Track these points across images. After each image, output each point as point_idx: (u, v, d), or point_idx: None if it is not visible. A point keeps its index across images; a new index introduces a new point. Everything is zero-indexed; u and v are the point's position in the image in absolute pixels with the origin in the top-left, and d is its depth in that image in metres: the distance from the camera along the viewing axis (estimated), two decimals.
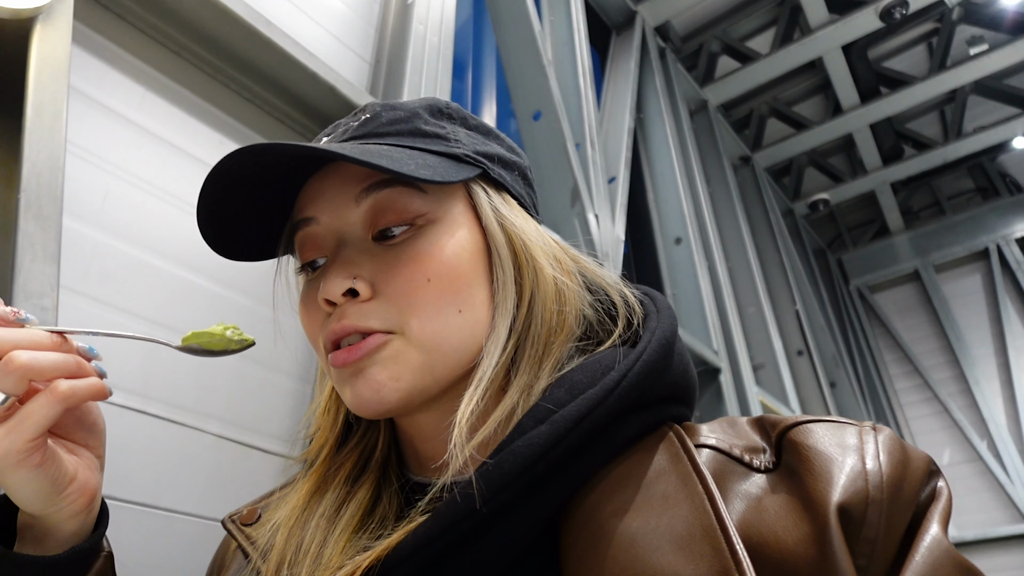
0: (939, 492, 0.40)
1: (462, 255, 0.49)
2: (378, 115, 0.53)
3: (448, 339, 0.48)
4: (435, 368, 0.48)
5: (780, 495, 0.40)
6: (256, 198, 0.53)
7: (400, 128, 0.52)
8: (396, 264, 0.48)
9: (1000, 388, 5.11)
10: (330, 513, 0.50)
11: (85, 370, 0.46)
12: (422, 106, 0.54)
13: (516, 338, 0.49)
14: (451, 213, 0.50)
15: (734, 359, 3.05)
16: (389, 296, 0.48)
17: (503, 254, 0.50)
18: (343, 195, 0.50)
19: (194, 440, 1.17)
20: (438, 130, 0.53)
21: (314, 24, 1.65)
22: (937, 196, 5.97)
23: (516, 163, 0.57)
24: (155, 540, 1.06)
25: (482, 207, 0.51)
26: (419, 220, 0.49)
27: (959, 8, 4.27)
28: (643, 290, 0.56)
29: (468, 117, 0.57)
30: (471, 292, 0.49)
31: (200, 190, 0.50)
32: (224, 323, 0.53)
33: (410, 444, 0.54)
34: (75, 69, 1.12)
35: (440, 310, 0.47)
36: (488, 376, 0.47)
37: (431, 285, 0.47)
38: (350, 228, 0.50)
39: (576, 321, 0.51)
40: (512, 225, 0.51)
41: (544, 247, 0.52)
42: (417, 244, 0.48)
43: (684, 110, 3.96)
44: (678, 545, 0.38)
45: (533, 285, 0.50)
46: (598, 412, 0.44)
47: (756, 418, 0.47)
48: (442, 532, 0.41)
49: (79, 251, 1.09)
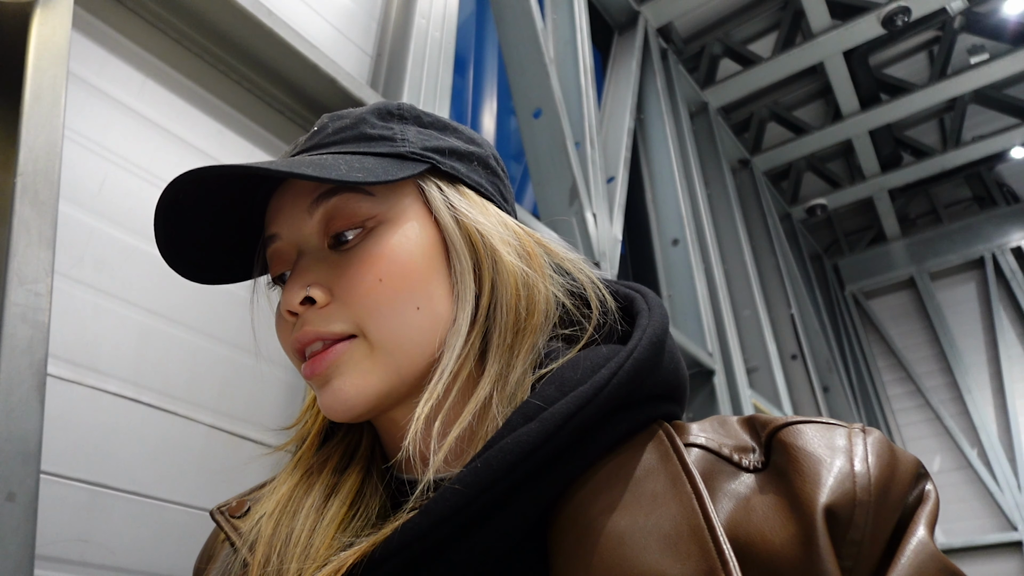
0: (927, 495, 0.40)
1: (414, 251, 0.49)
2: (324, 127, 0.54)
3: (409, 337, 0.48)
4: (400, 367, 0.48)
5: (768, 495, 0.40)
6: (221, 221, 0.54)
7: (345, 136, 0.52)
8: (348, 268, 0.49)
9: (992, 397, 5.14)
10: (318, 504, 0.50)
11: None
12: (369, 110, 0.55)
13: (481, 329, 0.49)
14: (402, 212, 0.50)
15: (728, 361, 3.06)
16: (345, 300, 0.48)
17: (459, 246, 0.50)
18: (296, 208, 0.51)
19: (186, 430, 1.17)
20: (384, 132, 0.53)
21: (316, 15, 1.65)
22: (934, 204, 5.99)
23: (474, 153, 0.56)
24: (145, 529, 1.06)
25: (434, 202, 0.51)
26: (369, 223, 0.50)
27: (961, 17, 4.28)
28: (634, 287, 0.56)
29: (422, 115, 0.56)
30: (428, 288, 0.49)
31: (153, 222, 0.51)
32: None
33: (391, 440, 0.54)
34: (75, 55, 1.12)
35: (396, 309, 0.48)
36: (450, 368, 0.47)
37: (383, 285, 0.48)
38: (307, 239, 0.51)
39: (547, 305, 0.51)
40: (466, 216, 0.51)
41: (503, 236, 0.51)
42: (367, 246, 0.49)
43: (684, 112, 3.96)
44: (666, 544, 0.38)
45: (493, 274, 0.50)
46: (588, 410, 0.44)
47: (747, 417, 0.47)
48: (430, 529, 0.41)
49: (75, 237, 1.08)
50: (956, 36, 4.40)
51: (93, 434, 1.03)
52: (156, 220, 0.50)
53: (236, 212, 0.54)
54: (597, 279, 0.53)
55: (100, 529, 1.01)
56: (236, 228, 0.55)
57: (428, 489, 0.44)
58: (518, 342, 0.49)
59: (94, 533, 1.00)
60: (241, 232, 0.56)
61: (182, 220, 0.52)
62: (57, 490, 0.96)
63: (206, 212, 0.52)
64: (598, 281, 0.53)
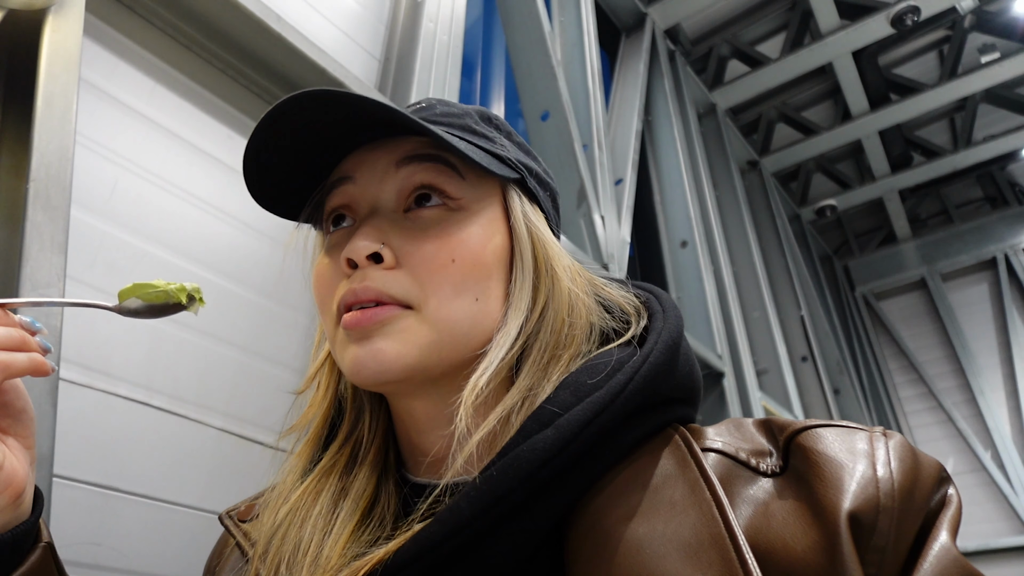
0: (949, 499, 0.40)
1: (488, 247, 0.50)
2: (432, 106, 0.54)
3: (460, 323, 0.48)
4: (442, 349, 0.47)
5: (788, 500, 0.39)
6: (303, 150, 0.51)
7: (452, 121, 0.53)
8: (423, 238, 0.48)
9: (1005, 398, 5.09)
10: (326, 511, 0.49)
11: (27, 343, 0.45)
12: (473, 110, 0.56)
13: (524, 339, 0.49)
14: (484, 207, 0.51)
15: (738, 364, 3.04)
16: (412, 268, 0.48)
17: (526, 257, 0.51)
18: (384, 160, 0.50)
19: (196, 433, 1.17)
20: (486, 132, 0.54)
21: (324, 20, 1.66)
22: (945, 204, 5.94)
23: (549, 184, 0.58)
24: (155, 532, 1.07)
25: (514, 210, 0.52)
26: (452, 203, 0.50)
27: (971, 16, 4.25)
28: (648, 289, 0.55)
29: (512, 132, 0.58)
30: (489, 284, 0.49)
31: (257, 125, 0.48)
32: (170, 282, 0.52)
33: (406, 436, 0.53)
34: (86, 61, 1.13)
35: (459, 293, 0.48)
36: (495, 365, 0.47)
37: (454, 266, 0.48)
38: (385, 194, 0.50)
39: (584, 336, 0.51)
40: (538, 232, 0.52)
41: (564, 262, 0.53)
42: (447, 224, 0.49)
43: (692, 113, 3.95)
44: (686, 553, 0.38)
45: (548, 293, 0.50)
46: (605, 416, 0.43)
47: (763, 420, 0.46)
48: (444, 538, 0.40)
49: (86, 242, 1.09)
50: (966, 35, 4.37)
51: (104, 438, 1.04)
52: (263, 122, 0.48)
53: (311, 151, 0.52)
54: (643, 318, 0.52)
55: (111, 532, 1.01)
56: (300, 160, 0.52)
57: (445, 494, 0.44)
58: (552, 364, 0.49)
59: (105, 536, 1.00)
60: (300, 172, 0.53)
61: (275, 136, 0.49)
62: (69, 493, 0.97)
63: (296, 143, 0.50)
64: (642, 316, 0.52)
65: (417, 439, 0.52)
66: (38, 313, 0.86)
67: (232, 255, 1.32)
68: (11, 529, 0.46)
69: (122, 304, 0.50)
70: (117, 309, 0.50)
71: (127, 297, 0.50)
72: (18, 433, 0.48)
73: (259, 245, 1.37)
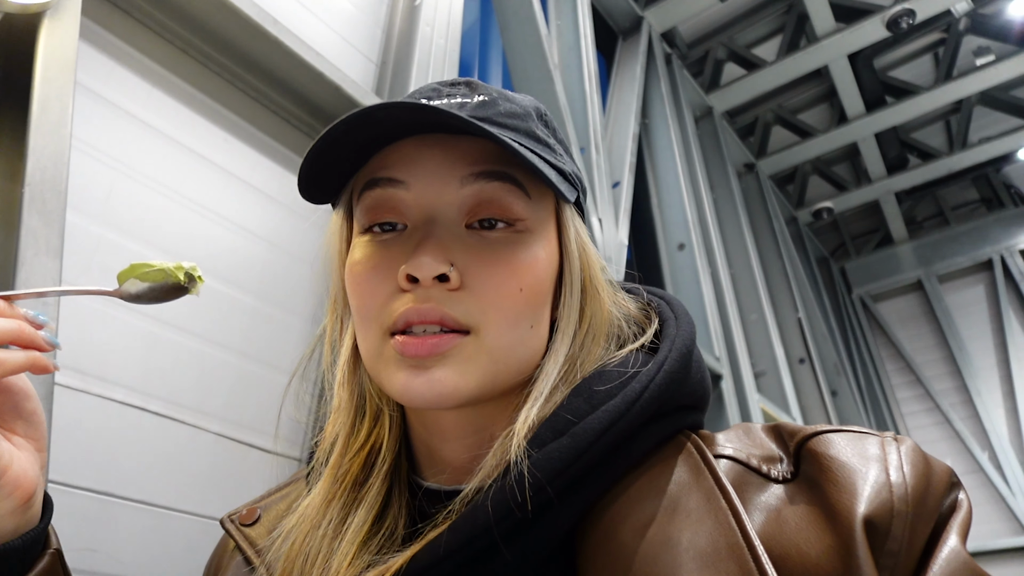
0: (959, 504, 0.40)
1: (548, 270, 0.48)
2: (495, 101, 0.49)
3: (516, 352, 0.46)
4: (497, 378, 0.46)
5: (800, 506, 0.39)
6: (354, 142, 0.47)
7: (516, 124, 0.49)
8: (493, 263, 0.46)
9: (1002, 400, 5.10)
10: (336, 521, 0.48)
11: (27, 337, 0.44)
12: (531, 107, 0.52)
13: (570, 364, 0.48)
14: (544, 227, 0.49)
15: (736, 366, 3.05)
16: (478, 293, 0.45)
17: (575, 279, 0.49)
18: (447, 171, 0.46)
19: (194, 438, 1.17)
20: (547, 140, 0.51)
21: (321, 24, 1.66)
22: (941, 206, 5.96)
23: (583, 182, 0.56)
24: (153, 538, 1.06)
25: (568, 229, 0.50)
26: (519, 224, 0.47)
27: (966, 19, 4.27)
28: (659, 294, 0.55)
29: (556, 129, 0.54)
30: (544, 310, 0.48)
31: (334, 125, 0.44)
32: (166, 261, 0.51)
33: (424, 444, 0.52)
34: (82, 65, 1.13)
35: (520, 322, 0.46)
36: (545, 394, 0.46)
37: (521, 295, 0.46)
38: (445, 208, 0.47)
39: (606, 346, 0.50)
40: (588, 252, 0.51)
41: (603, 277, 0.52)
42: (516, 249, 0.46)
43: (689, 116, 3.96)
44: (703, 562, 0.38)
45: (592, 315, 0.50)
46: (620, 424, 0.43)
47: (772, 425, 0.46)
48: (458, 548, 0.40)
49: (82, 246, 1.09)
50: (961, 38, 4.39)
51: (100, 443, 1.03)
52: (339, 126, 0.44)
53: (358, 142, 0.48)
54: (655, 323, 0.52)
55: (108, 538, 1.00)
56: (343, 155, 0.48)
57: (458, 504, 0.43)
58: (576, 378, 0.48)
59: (102, 542, 0.99)
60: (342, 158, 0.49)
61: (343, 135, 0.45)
62: (65, 499, 0.96)
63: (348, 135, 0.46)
64: (653, 322, 0.52)
65: (439, 447, 0.51)
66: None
67: (229, 259, 1.32)
68: (21, 535, 0.45)
69: (123, 288, 0.49)
70: (118, 294, 0.49)
71: (126, 279, 0.49)
72: (29, 435, 0.47)
73: (256, 248, 1.36)
